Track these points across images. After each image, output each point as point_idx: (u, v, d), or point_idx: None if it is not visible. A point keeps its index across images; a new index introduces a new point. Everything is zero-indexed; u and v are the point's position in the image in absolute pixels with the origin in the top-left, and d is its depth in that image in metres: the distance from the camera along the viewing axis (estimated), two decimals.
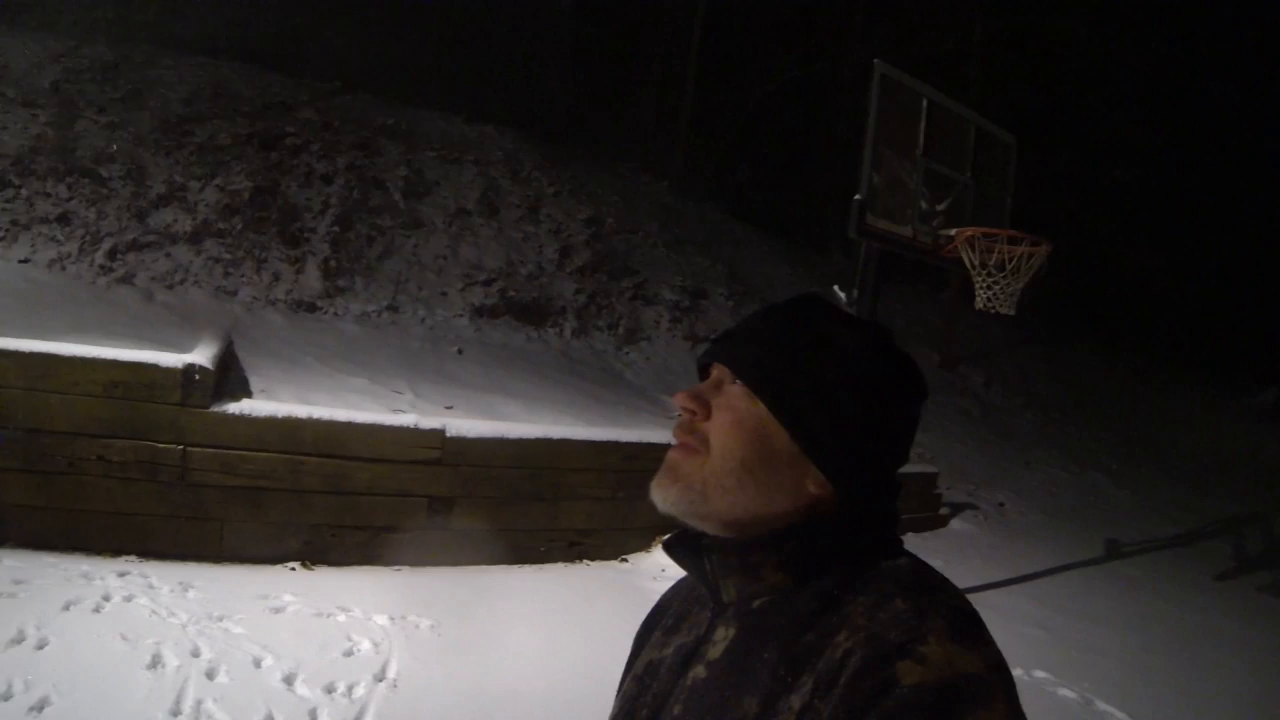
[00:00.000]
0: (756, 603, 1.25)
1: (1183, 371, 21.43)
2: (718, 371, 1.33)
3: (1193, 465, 15.88)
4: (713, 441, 1.27)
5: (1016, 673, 5.33)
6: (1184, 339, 23.59)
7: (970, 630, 1.14)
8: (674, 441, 1.31)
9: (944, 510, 10.80)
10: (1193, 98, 21.87)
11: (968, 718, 1.02)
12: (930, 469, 11.11)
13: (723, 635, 1.27)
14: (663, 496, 1.29)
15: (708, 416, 1.29)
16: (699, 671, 1.26)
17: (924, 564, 1.27)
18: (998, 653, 1.13)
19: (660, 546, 1.43)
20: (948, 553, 9.36)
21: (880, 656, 1.08)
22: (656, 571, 7.39)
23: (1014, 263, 7.31)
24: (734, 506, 1.25)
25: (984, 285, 7.46)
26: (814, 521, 1.24)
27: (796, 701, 1.11)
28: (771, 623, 1.21)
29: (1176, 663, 7.38)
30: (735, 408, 1.27)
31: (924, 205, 7.62)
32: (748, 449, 1.25)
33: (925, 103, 7.60)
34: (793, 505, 1.25)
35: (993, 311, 7.60)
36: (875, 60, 7.24)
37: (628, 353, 12.36)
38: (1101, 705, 6.20)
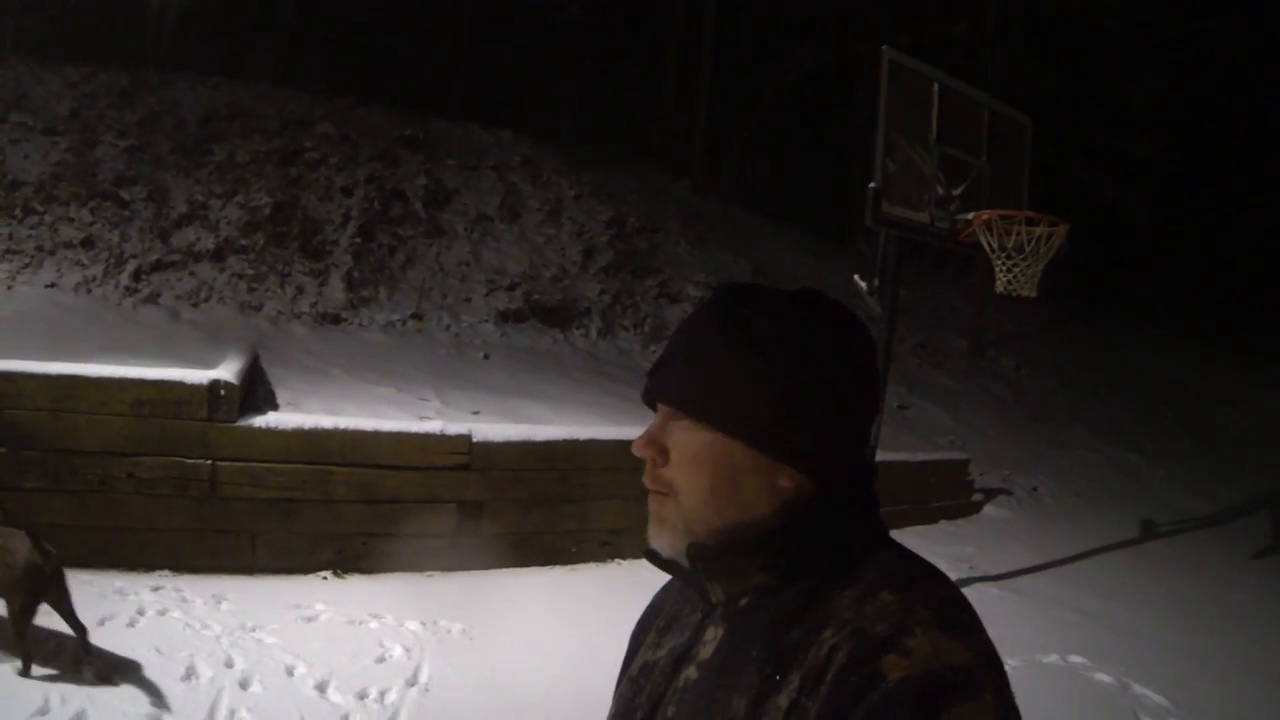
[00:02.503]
0: (743, 602, 1.24)
1: (1216, 344, 21.11)
2: (662, 407, 1.31)
3: (1229, 440, 15.72)
4: (677, 484, 1.26)
5: (1052, 658, 5.28)
6: (1216, 311, 23.27)
7: (958, 620, 1.12)
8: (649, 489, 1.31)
9: (976, 496, 10.73)
10: (1218, 64, 21.62)
11: (954, 710, 1.01)
12: (961, 455, 11.06)
13: (712, 635, 1.27)
14: (658, 542, 1.30)
15: (667, 460, 1.28)
16: (690, 672, 1.26)
17: (911, 553, 1.25)
18: (987, 642, 1.12)
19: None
20: (981, 539, 9.30)
21: (865, 651, 1.07)
22: None
23: (1033, 244, 7.26)
24: (715, 524, 1.24)
25: (1004, 268, 7.41)
26: (795, 520, 1.22)
27: (784, 700, 1.11)
28: (758, 621, 1.21)
29: (1215, 644, 7.28)
30: (686, 443, 1.26)
31: (940, 190, 7.59)
32: (711, 477, 1.24)
33: (936, 87, 7.56)
34: (770, 507, 1.23)
35: (1014, 294, 7.56)
36: (884, 47, 7.23)
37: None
38: (1138, 689, 6.14)
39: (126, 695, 4.34)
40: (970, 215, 7.51)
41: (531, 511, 7.38)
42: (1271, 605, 8.57)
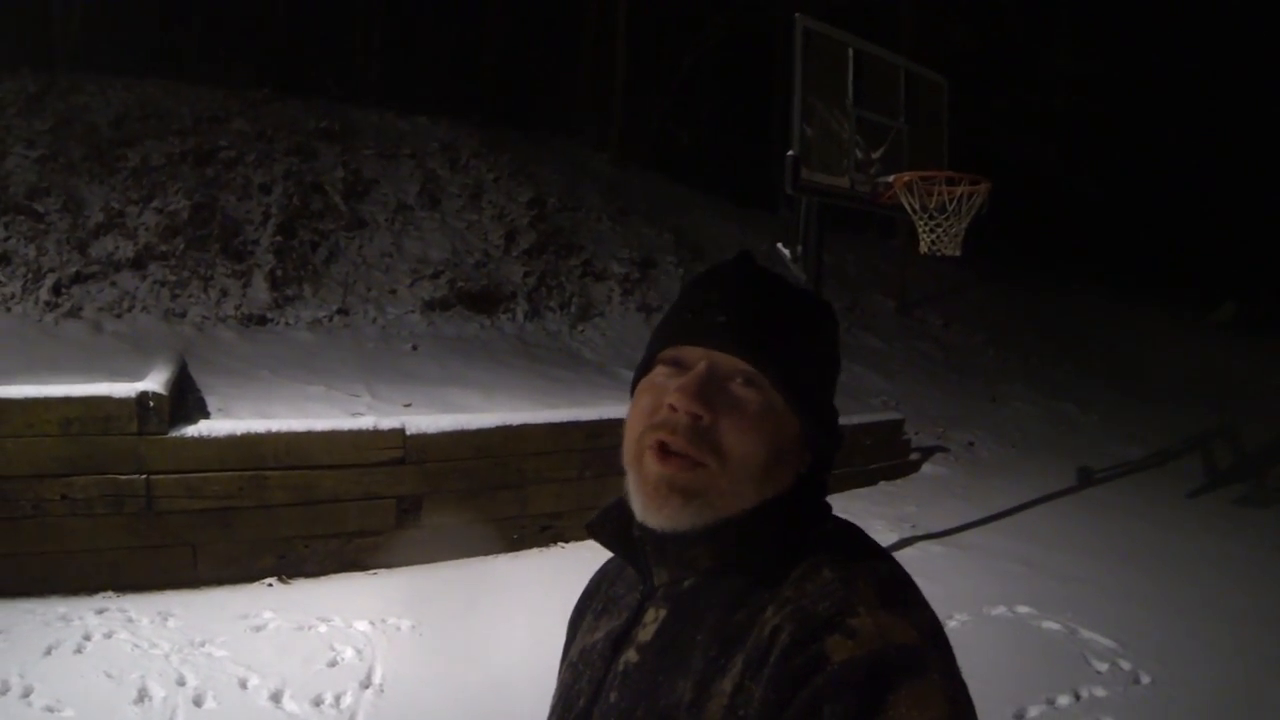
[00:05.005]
0: (687, 583, 1.23)
1: (1140, 294, 21.48)
2: (710, 358, 1.21)
3: (1158, 385, 15.97)
4: (730, 447, 1.17)
5: (1000, 610, 5.37)
6: (1139, 261, 23.71)
7: (901, 596, 1.11)
8: (669, 447, 1.18)
9: (914, 455, 10.83)
10: (1133, 20, 21.91)
11: (901, 690, 1.00)
12: (896, 415, 11.16)
13: (653, 617, 1.24)
14: (674, 520, 1.18)
15: (715, 419, 1.17)
16: (630, 656, 1.24)
17: (853, 528, 1.24)
18: (932, 616, 1.11)
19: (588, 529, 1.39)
20: (921, 497, 9.38)
21: (808, 632, 1.06)
22: None
23: (954, 203, 7.32)
24: (739, 505, 1.19)
25: (927, 229, 7.47)
26: (759, 511, 1.19)
27: (728, 683, 1.09)
28: (703, 602, 1.19)
29: (1157, 584, 7.43)
30: (751, 405, 1.19)
31: (859, 154, 7.63)
32: (769, 449, 1.18)
33: (851, 51, 7.58)
34: (783, 489, 1.21)
35: (938, 254, 7.62)
36: (796, 14, 7.24)
37: (583, 330, 12.35)
38: (1086, 633, 6.24)
39: None
40: (891, 178, 7.57)
41: (470, 501, 7.34)
42: (1206, 542, 8.74)
